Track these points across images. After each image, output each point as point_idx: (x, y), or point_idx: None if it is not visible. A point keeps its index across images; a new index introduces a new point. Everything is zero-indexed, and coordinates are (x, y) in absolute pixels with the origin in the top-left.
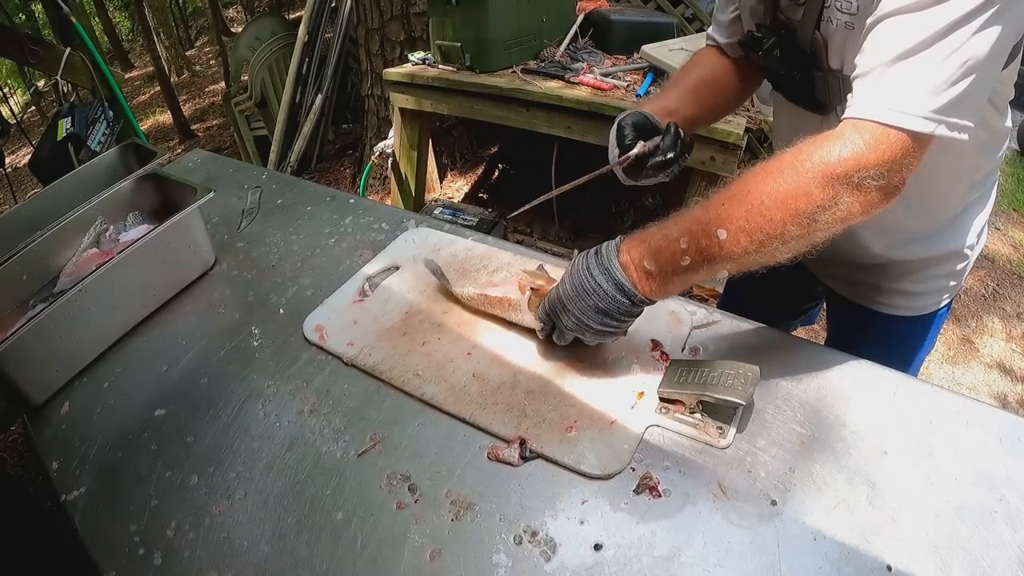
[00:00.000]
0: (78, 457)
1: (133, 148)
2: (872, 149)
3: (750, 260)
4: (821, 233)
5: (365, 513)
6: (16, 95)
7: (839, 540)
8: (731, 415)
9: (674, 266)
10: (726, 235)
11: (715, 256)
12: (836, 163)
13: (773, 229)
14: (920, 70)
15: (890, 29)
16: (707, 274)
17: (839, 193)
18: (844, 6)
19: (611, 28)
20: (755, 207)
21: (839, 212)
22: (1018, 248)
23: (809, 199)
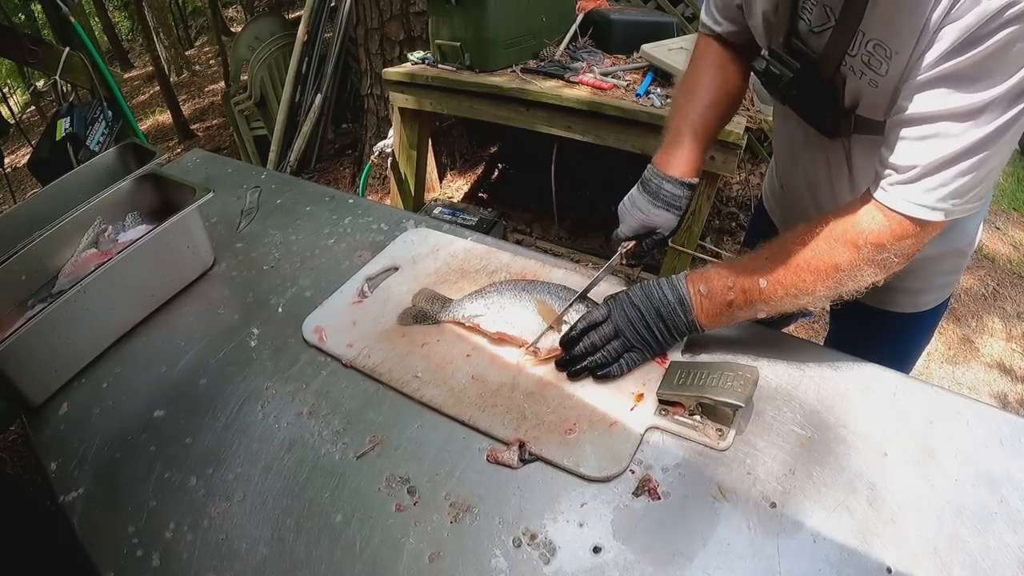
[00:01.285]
0: (77, 458)
1: (132, 148)
2: (894, 234)
3: (783, 305)
4: (846, 294)
5: (364, 515)
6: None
7: (839, 542)
8: (730, 417)
9: (722, 299)
10: (766, 284)
11: (755, 299)
12: (864, 244)
13: (805, 287)
14: (954, 179)
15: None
16: (747, 313)
17: (863, 268)
18: (873, 64)
19: (611, 27)
20: (791, 268)
21: (862, 283)
22: (1018, 248)
23: (838, 270)
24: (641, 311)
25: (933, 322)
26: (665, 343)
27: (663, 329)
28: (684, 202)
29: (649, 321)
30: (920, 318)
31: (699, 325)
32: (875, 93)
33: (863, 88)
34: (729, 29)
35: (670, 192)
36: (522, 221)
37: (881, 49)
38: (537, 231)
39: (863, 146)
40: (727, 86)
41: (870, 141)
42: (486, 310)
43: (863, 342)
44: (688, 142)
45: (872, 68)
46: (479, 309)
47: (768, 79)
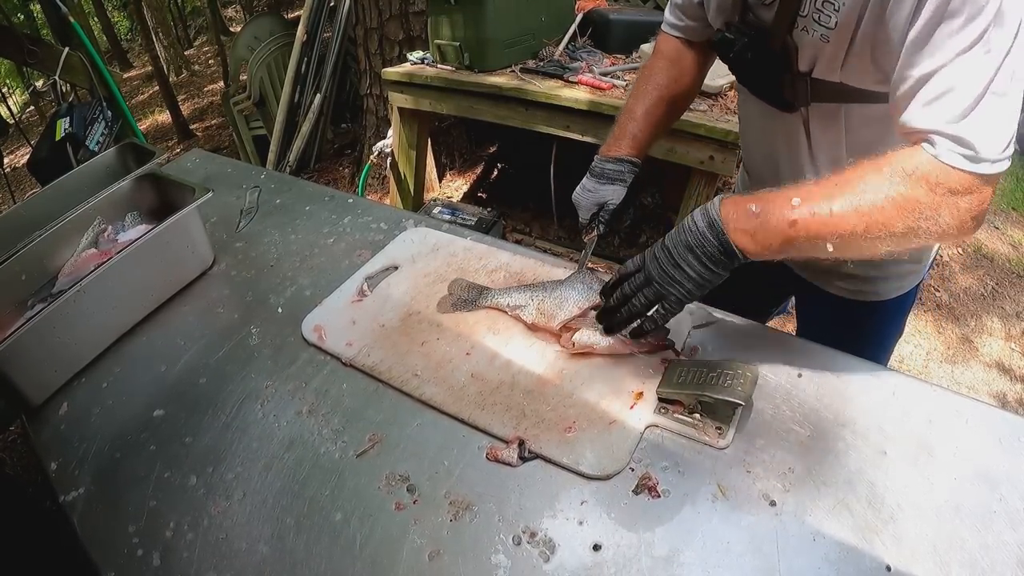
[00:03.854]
0: (77, 457)
1: (132, 148)
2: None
3: (856, 242)
4: (918, 240)
5: (364, 514)
6: (15, 95)
7: (838, 540)
8: (730, 415)
9: (782, 218)
10: (838, 209)
11: (825, 224)
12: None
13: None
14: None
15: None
16: (811, 243)
17: (941, 208)
18: (823, 19)
19: (609, 27)
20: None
21: (937, 225)
22: (1017, 247)
23: (918, 206)
24: (669, 250)
25: (900, 312)
26: (702, 280)
27: (694, 264)
28: (627, 175)
29: (678, 258)
30: (885, 307)
31: (738, 248)
32: (828, 49)
33: (816, 46)
34: (690, 25)
35: (612, 169)
36: (521, 221)
37: (828, 3)
38: (536, 231)
39: (821, 116)
40: (680, 79)
41: (828, 110)
42: (529, 302)
43: (830, 332)
44: (631, 133)
45: (821, 23)
46: (523, 300)
47: (723, 47)
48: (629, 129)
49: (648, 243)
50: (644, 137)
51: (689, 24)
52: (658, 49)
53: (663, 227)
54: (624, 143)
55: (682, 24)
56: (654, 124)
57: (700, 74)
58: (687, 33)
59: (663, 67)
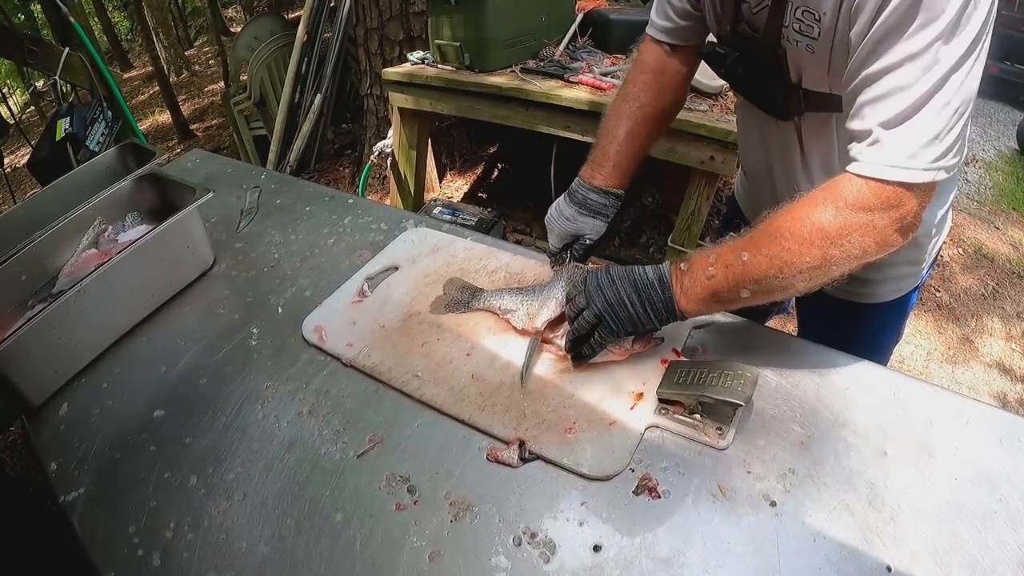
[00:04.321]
0: (77, 458)
1: (132, 148)
2: (877, 197)
3: (769, 283)
4: (837, 268)
5: (364, 514)
6: (15, 95)
7: (839, 540)
8: (730, 416)
9: (702, 275)
10: (748, 257)
11: (738, 275)
12: (844, 205)
13: (789, 257)
14: (918, 127)
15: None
16: (731, 293)
17: (850, 231)
18: (804, 30)
19: (610, 27)
20: (774, 238)
21: (853, 250)
22: (1018, 248)
23: (824, 235)
24: (614, 280)
25: (898, 315)
26: (638, 319)
27: (636, 302)
28: (611, 210)
29: (621, 292)
30: (882, 310)
31: (678, 307)
32: (814, 59)
33: (803, 56)
34: (680, 26)
35: (596, 201)
36: (522, 221)
37: (809, 14)
38: (537, 231)
39: (813, 125)
40: (664, 95)
41: (820, 119)
42: (519, 307)
43: (828, 333)
44: (614, 159)
45: (804, 34)
46: (513, 305)
47: (714, 61)
48: (611, 152)
49: (648, 243)
50: (627, 164)
51: (680, 24)
52: (640, 61)
53: (663, 227)
54: (607, 170)
55: (671, 26)
56: (638, 148)
57: (684, 86)
58: (676, 36)
59: (646, 81)
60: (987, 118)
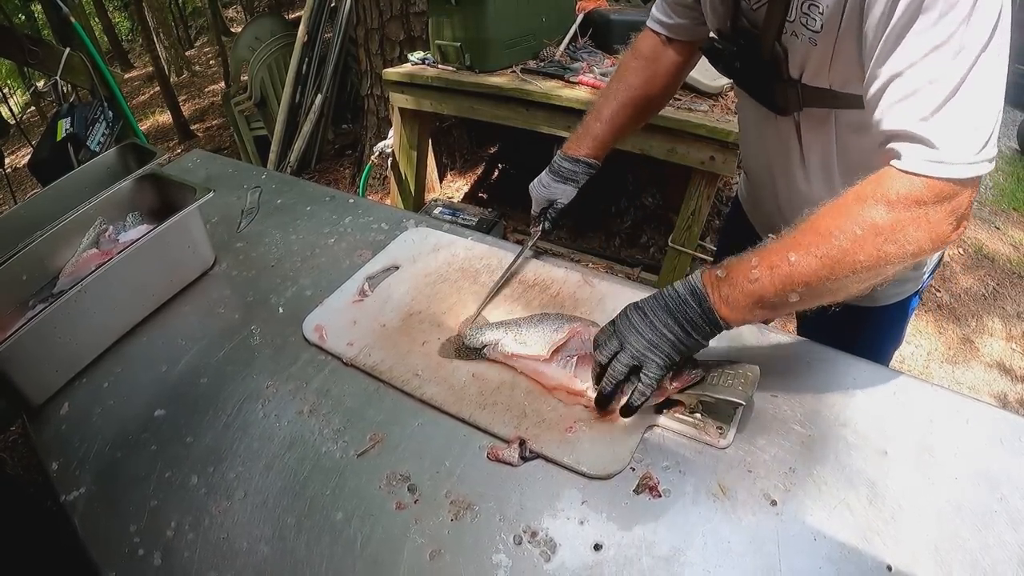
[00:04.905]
0: (78, 457)
1: (132, 148)
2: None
3: (820, 285)
4: (891, 266)
5: (365, 513)
6: (16, 95)
7: (839, 540)
8: (731, 415)
9: (745, 280)
10: (796, 258)
11: (786, 276)
12: (896, 199)
13: (843, 255)
14: (956, 121)
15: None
16: (779, 297)
17: (905, 225)
18: (809, 23)
19: (610, 27)
20: (824, 237)
21: (908, 246)
22: (1018, 248)
23: (876, 230)
24: (645, 312)
25: (899, 319)
26: (683, 345)
27: (674, 327)
28: (581, 177)
29: (655, 320)
30: (882, 313)
31: (720, 317)
32: (816, 52)
33: (805, 50)
34: (679, 23)
35: (567, 168)
36: (522, 221)
37: (814, 7)
38: None
39: (812, 121)
40: (654, 81)
41: (819, 116)
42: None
43: (827, 335)
44: (594, 133)
45: (808, 27)
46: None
47: (713, 56)
48: (592, 129)
49: (648, 243)
50: (606, 138)
51: (678, 22)
52: (635, 47)
53: (663, 227)
54: (585, 143)
55: (670, 22)
56: (619, 127)
57: (676, 77)
58: (674, 31)
59: (637, 67)
60: None
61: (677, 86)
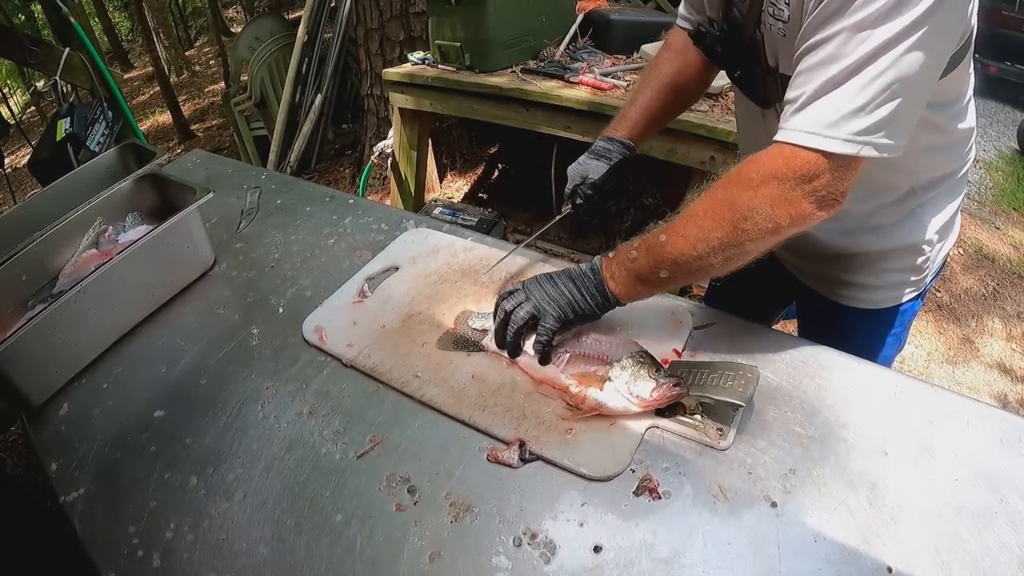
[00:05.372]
0: (77, 458)
1: (132, 148)
2: (789, 165)
3: (687, 266)
4: (751, 243)
5: (364, 515)
6: (15, 95)
7: (839, 541)
8: (731, 416)
9: (626, 259)
10: (665, 239)
11: (657, 257)
12: (756, 176)
13: (702, 234)
14: (843, 96)
15: (818, 56)
16: (653, 275)
17: (759, 201)
18: (777, 13)
19: (610, 28)
20: (689, 217)
21: (762, 221)
22: (1018, 248)
23: (732, 207)
24: (553, 277)
25: (897, 323)
26: (576, 304)
27: (572, 289)
28: (614, 155)
29: (559, 283)
30: (879, 317)
31: (609, 291)
32: (785, 43)
33: (777, 40)
34: (699, 19)
35: (601, 146)
36: (522, 221)
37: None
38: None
39: None
40: (685, 71)
41: None
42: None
43: (827, 337)
44: (629, 116)
45: (777, 17)
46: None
47: (697, 39)
48: (628, 114)
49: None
50: (641, 121)
51: (698, 19)
52: (667, 42)
53: None
54: (621, 126)
55: (692, 19)
56: (654, 110)
57: (706, 71)
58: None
59: (669, 58)
60: (987, 118)
61: (709, 80)
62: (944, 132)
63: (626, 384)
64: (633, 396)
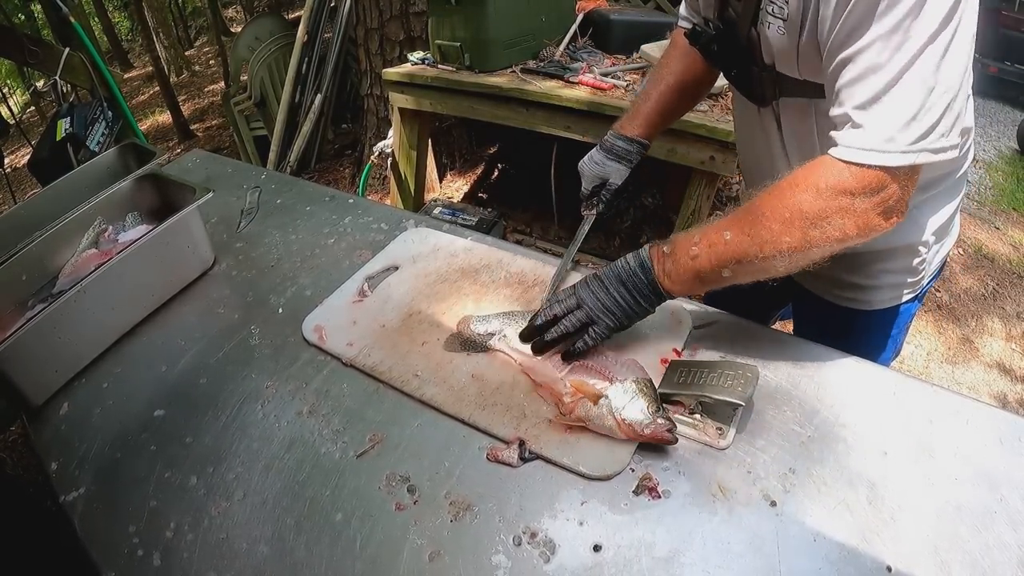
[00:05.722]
0: (77, 458)
1: (132, 148)
2: (857, 180)
3: (751, 264)
4: (817, 249)
5: (364, 514)
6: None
7: (839, 540)
8: (730, 415)
9: (686, 255)
10: (731, 236)
11: (720, 254)
12: (825, 187)
13: (770, 237)
14: (893, 107)
15: (858, 69)
16: (714, 273)
17: (829, 213)
18: (777, 11)
19: (610, 27)
20: (755, 217)
21: (832, 232)
22: (1018, 248)
23: (803, 215)
24: (603, 280)
25: (893, 325)
26: (632, 310)
27: (625, 295)
28: (634, 157)
29: (611, 288)
30: (875, 318)
31: (663, 287)
32: (784, 42)
33: (775, 39)
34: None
35: (622, 147)
36: (522, 221)
37: None
38: (537, 231)
39: (791, 113)
40: (692, 69)
41: (798, 107)
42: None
43: (822, 338)
44: (644, 113)
45: (776, 16)
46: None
47: (692, 37)
48: (643, 109)
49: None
50: (656, 119)
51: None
52: (672, 41)
53: (663, 227)
54: (637, 122)
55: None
56: (666, 108)
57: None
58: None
59: (677, 55)
60: (987, 118)
61: (713, 80)
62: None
63: (621, 408)
64: (624, 422)
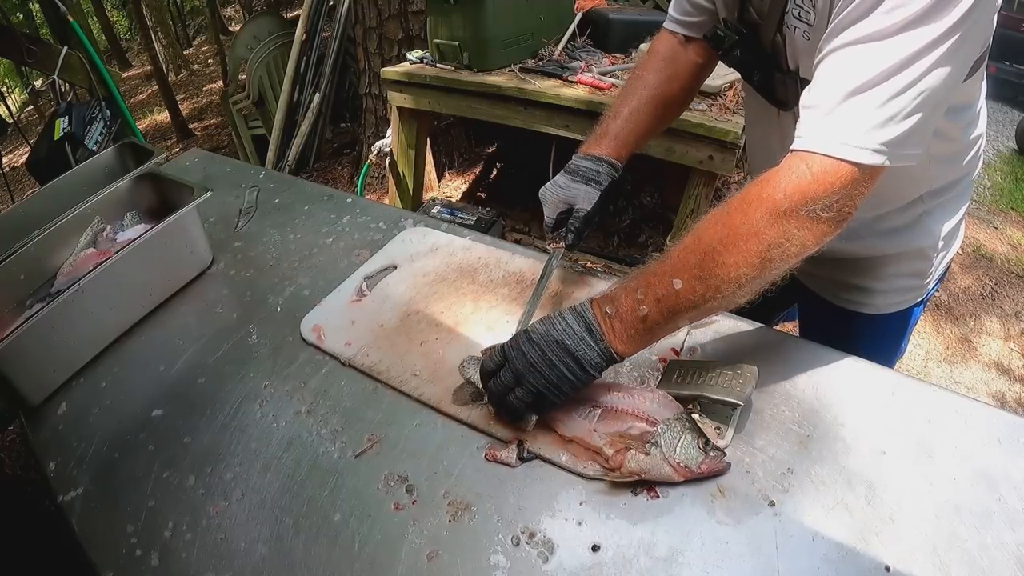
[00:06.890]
0: (75, 458)
1: (130, 147)
2: (819, 181)
3: (709, 307)
4: (776, 270)
5: (363, 514)
6: (13, 94)
7: (837, 540)
8: (729, 415)
9: (633, 317)
10: (681, 284)
11: (672, 307)
12: (783, 198)
13: (727, 273)
14: (873, 104)
15: (846, 60)
16: (669, 326)
17: (789, 228)
18: (803, 15)
19: (609, 26)
20: (708, 254)
21: (792, 247)
22: (1016, 248)
23: (759, 239)
24: (542, 348)
25: (900, 329)
26: (578, 381)
27: (572, 366)
28: (603, 178)
29: (553, 359)
30: (883, 322)
31: (616, 352)
32: (809, 46)
33: (801, 43)
34: (696, 21)
35: (588, 168)
36: (520, 220)
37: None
38: (535, 230)
39: None
40: (673, 80)
41: None
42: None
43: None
44: (613, 132)
45: (803, 19)
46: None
47: (715, 42)
48: (612, 128)
49: (647, 243)
50: (626, 138)
51: (697, 20)
52: (652, 48)
53: (662, 227)
54: (605, 142)
55: (688, 20)
56: (639, 126)
57: (695, 78)
58: (691, 29)
59: (656, 66)
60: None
61: (696, 89)
62: (954, 139)
63: (672, 452)
64: (680, 465)
